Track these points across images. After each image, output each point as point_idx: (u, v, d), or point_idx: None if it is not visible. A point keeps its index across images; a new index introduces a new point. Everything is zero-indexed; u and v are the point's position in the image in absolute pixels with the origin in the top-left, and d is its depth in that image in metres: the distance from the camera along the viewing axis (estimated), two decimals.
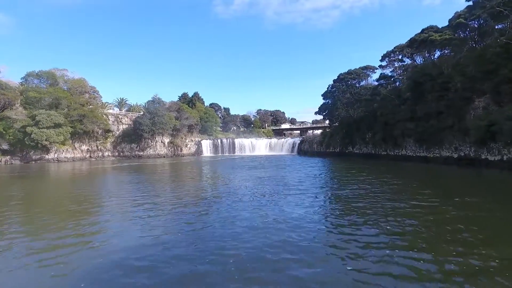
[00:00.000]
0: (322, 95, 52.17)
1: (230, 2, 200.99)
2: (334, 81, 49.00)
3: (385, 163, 36.29)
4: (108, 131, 57.67)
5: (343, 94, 47.67)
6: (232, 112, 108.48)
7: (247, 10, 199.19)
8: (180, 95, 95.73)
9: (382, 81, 40.50)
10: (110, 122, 58.60)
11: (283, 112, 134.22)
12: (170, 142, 65.87)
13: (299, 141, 72.50)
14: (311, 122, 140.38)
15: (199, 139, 75.06)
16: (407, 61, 43.21)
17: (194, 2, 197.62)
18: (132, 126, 59.32)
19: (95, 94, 57.01)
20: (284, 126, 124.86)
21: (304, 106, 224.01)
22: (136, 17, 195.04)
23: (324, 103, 52.17)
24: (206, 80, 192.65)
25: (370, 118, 43.95)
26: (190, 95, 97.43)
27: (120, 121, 60.37)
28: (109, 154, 58.07)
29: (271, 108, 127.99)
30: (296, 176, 23.43)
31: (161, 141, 64.08)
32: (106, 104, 71.06)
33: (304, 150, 68.90)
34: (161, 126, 58.05)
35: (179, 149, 67.06)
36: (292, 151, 72.77)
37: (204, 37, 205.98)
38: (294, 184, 19.15)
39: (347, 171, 27.39)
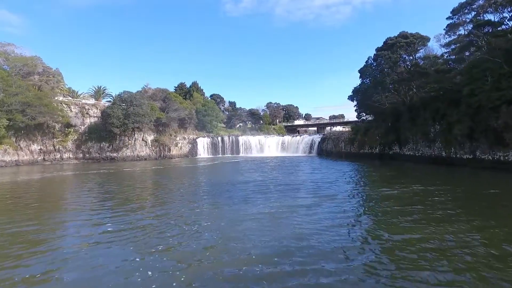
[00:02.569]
0: (359, 71, 36.21)
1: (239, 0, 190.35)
2: (378, 50, 33.07)
3: (485, 175, 20.45)
4: (69, 125, 43.87)
5: (394, 66, 31.68)
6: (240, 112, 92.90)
7: (256, 7, 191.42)
8: (176, 86, 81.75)
9: (487, 29, 24.19)
10: (72, 114, 44.80)
11: (297, 107, 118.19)
12: (155, 140, 51.60)
13: (319, 139, 56.87)
14: (327, 118, 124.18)
15: (195, 137, 60.64)
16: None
17: (203, 0, 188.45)
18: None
19: (50, 76, 43.18)
20: (298, 122, 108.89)
21: (317, 105, 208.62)
22: (144, 16, 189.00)
23: (361, 84, 36.17)
24: (212, 78, 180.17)
25: (440, 102, 27.97)
26: (188, 86, 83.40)
27: (87, 113, 46.46)
28: (71, 155, 44.27)
29: (283, 103, 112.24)
30: (345, 225, 8.40)
31: (142, 139, 49.87)
32: (78, 93, 57.51)
33: (326, 150, 53.24)
34: (137, 119, 43.72)
35: (166, 149, 52.71)
36: (311, 151, 57.24)
37: (212, 35, 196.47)
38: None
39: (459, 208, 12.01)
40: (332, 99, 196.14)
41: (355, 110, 61.67)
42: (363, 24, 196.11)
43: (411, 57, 33.10)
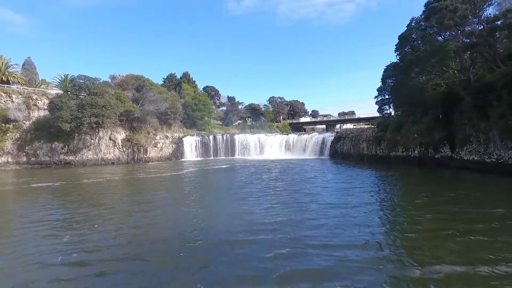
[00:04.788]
0: (399, 38, 24.73)
1: None
2: (429, 3, 21.79)
3: None
4: (8, 120, 33.66)
5: (461, 24, 20.41)
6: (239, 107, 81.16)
7: (259, 6, 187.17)
8: (164, 77, 71.34)
9: None
10: (13, 106, 34.56)
11: (302, 103, 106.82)
12: (127, 140, 41.22)
13: (332, 138, 45.88)
14: (336, 116, 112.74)
15: (181, 135, 50.20)
16: None
17: None
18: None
19: None
20: (304, 119, 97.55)
21: (323, 103, 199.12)
22: (147, 15, 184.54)
23: (401, 57, 24.83)
24: (211, 76, 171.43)
25: None
26: (179, 77, 72.91)
27: (34, 104, 36.17)
28: (10, 159, 34.06)
29: (287, 99, 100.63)
30: None
31: (110, 138, 39.52)
32: (42, 80, 47.53)
33: (342, 152, 42.27)
34: (95, 112, 33.23)
35: (142, 150, 42.32)
36: (321, 153, 46.33)
37: (214, 33, 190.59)
38: None
39: None
40: (338, 98, 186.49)
41: (376, 103, 50.64)
42: (367, 22, 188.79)
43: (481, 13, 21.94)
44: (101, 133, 38.46)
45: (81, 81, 34.13)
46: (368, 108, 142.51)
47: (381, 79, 30.29)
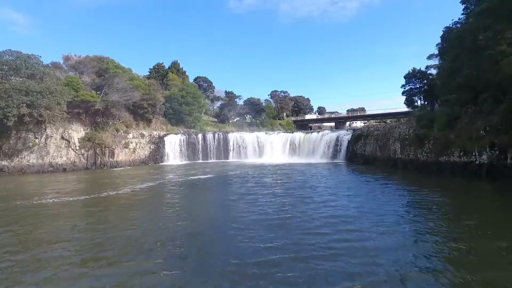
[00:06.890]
0: None
1: None
2: None
3: None
4: None
5: None
6: (238, 102, 70.96)
7: (261, 4, 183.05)
8: (151, 68, 62.03)
9: None
10: None
11: (308, 99, 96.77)
12: (87, 139, 32.03)
13: (349, 137, 36.32)
14: (344, 113, 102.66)
15: (162, 133, 41.03)
16: None
17: None
18: None
19: None
20: (309, 116, 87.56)
21: (326, 103, 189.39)
22: (148, 13, 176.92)
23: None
24: (212, 75, 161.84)
25: None
26: (167, 67, 63.56)
27: None
28: None
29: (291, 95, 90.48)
30: None
31: (63, 137, 30.40)
32: None
33: (363, 155, 32.73)
34: (28, 100, 23.91)
35: (107, 152, 33.12)
36: (335, 156, 36.76)
37: (215, 32, 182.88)
38: None
39: None
40: (344, 96, 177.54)
41: (403, 93, 40.95)
42: (371, 19, 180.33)
43: None
44: (49, 131, 29.37)
45: (9, 57, 24.70)
46: (375, 106, 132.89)
47: (439, 48, 20.71)
